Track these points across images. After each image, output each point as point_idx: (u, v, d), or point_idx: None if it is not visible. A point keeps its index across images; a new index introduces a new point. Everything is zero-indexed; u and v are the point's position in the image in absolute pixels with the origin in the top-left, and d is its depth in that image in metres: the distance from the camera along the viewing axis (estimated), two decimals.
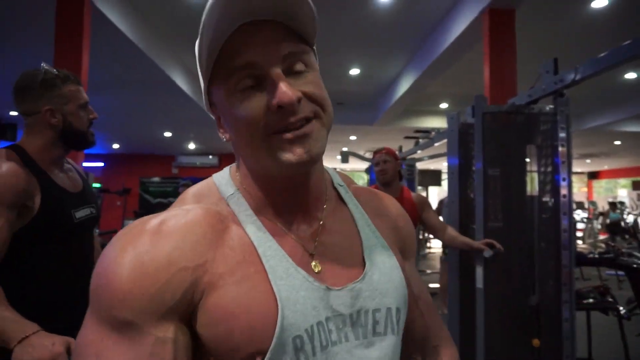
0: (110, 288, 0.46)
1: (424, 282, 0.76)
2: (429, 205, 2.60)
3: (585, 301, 3.10)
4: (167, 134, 9.58)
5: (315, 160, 0.51)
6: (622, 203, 14.65)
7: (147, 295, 0.46)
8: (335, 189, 0.65)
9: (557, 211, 2.24)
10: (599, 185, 21.19)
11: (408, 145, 5.70)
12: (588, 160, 15.23)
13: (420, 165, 10.55)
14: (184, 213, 0.52)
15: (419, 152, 5.27)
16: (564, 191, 2.21)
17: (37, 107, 1.25)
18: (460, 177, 2.71)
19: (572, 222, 2.24)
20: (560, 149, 2.23)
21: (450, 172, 2.74)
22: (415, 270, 0.73)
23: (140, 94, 6.27)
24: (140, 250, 0.47)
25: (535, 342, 2.23)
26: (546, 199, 2.31)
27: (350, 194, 0.66)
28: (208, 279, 0.49)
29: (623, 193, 18.54)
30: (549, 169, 2.33)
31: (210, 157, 12.50)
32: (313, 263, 0.55)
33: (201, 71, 0.54)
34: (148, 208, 11.77)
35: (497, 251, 2.24)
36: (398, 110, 6.96)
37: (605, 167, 17.90)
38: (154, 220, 0.51)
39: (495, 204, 2.46)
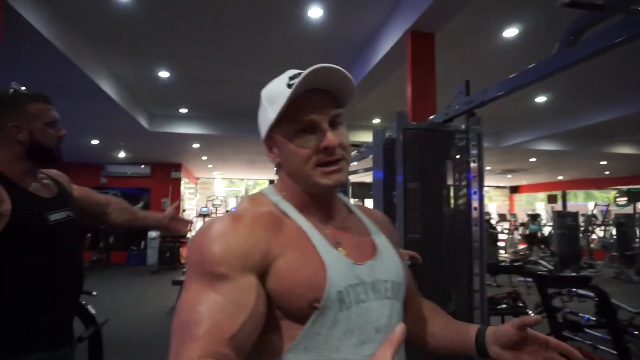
0: (212, 256, 0.68)
1: None
2: None
3: (498, 307, 3.33)
4: (95, 142, 9.09)
5: (342, 184, 0.78)
6: (538, 215, 15.87)
7: (236, 256, 0.68)
8: (344, 204, 0.91)
9: (469, 223, 2.40)
10: (520, 198, 22.78)
11: None
12: (509, 176, 16.35)
13: (355, 178, 10.74)
14: (251, 210, 0.77)
15: (353, 164, 5.40)
16: (475, 204, 2.37)
17: (3, 123, 1.34)
18: (385, 190, 2.82)
19: (483, 233, 2.40)
20: (472, 164, 2.40)
21: (375, 185, 2.85)
22: None
23: (63, 100, 5.90)
24: (228, 230, 0.71)
25: None
26: (461, 211, 2.46)
27: (356, 208, 0.93)
28: (275, 250, 0.71)
29: (540, 206, 20.10)
30: (463, 183, 2.49)
31: (142, 166, 11.99)
32: (340, 248, 0.77)
33: (268, 115, 0.78)
34: None
35: (415, 262, 2.34)
36: None
37: (525, 182, 19.31)
38: (229, 216, 0.74)
39: (415, 216, 2.58)
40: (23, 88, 1.40)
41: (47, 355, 1.31)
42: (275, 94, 0.77)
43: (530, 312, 3.34)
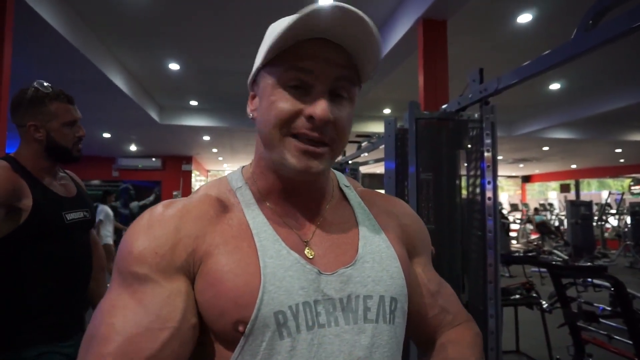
0: (129, 250, 0.54)
1: None
2: None
3: (512, 297, 3.30)
4: (106, 135, 9.17)
5: (313, 176, 0.58)
6: (551, 205, 15.71)
7: (159, 254, 0.54)
8: (340, 189, 0.70)
9: (483, 213, 2.37)
10: (532, 188, 22.55)
11: (351, 150, 5.81)
12: (521, 165, 16.17)
13: (366, 169, 10.71)
14: (191, 197, 0.62)
15: (364, 156, 5.37)
16: (489, 194, 2.34)
17: (23, 122, 1.38)
18: (397, 180, 2.80)
19: (497, 223, 2.37)
20: (485, 154, 2.36)
21: (387, 176, 2.82)
22: (431, 265, 0.75)
23: (74, 94, 5.94)
24: (153, 224, 0.56)
25: None
26: (474, 201, 2.44)
27: (355, 194, 0.71)
28: (205, 248, 0.55)
29: (553, 195, 19.89)
30: (477, 173, 2.46)
31: (154, 159, 12.08)
32: (307, 250, 0.59)
33: (264, 51, 0.57)
34: None
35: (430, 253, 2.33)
36: None
37: (537, 171, 19.09)
38: (162, 203, 0.60)
39: (428, 206, 2.56)
40: (47, 85, 1.42)
41: (48, 348, 1.33)
42: (278, 27, 0.56)
43: (544, 302, 3.32)
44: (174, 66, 5.60)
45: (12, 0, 2.99)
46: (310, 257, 0.58)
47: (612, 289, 2.59)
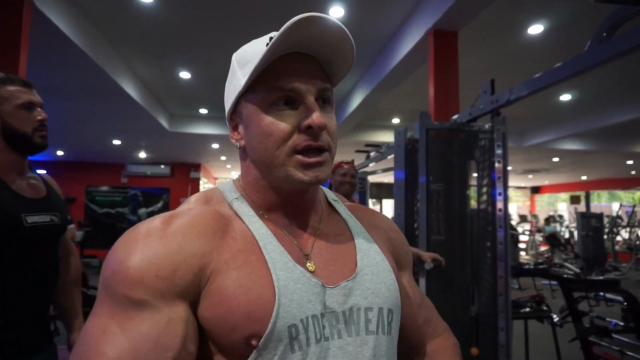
0: (125, 273, 0.50)
1: None
2: None
3: (522, 310, 3.25)
4: (117, 142, 9.24)
5: (321, 183, 0.60)
6: (560, 216, 15.54)
7: (160, 277, 0.50)
8: (329, 203, 0.72)
9: (494, 224, 2.35)
10: (542, 199, 22.33)
11: (359, 159, 5.80)
12: (530, 176, 16.05)
13: (373, 179, 10.73)
14: (189, 210, 0.58)
15: (371, 165, 5.37)
16: (500, 205, 2.32)
17: None
18: (407, 190, 2.78)
19: (508, 235, 2.35)
20: (496, 164, 2.35)
21: (396, 186, 2.81)
22: (413, 279, 0.77)
23: (87, 101, 6.06)
24: (152, 240, 0.52)
25: (474, 351, 2.31)
26: (484, 212, 2.42)
27: (344, 208, 0.72)
28: (214, 265, 0.53)
29: (563, 207, 19.68)
30: (487, 183, 2.44)
31: (162, 166, 12.15)
32: (308, 263, 0.59)
33: (245, 78, 0.58)
34: (94, 218, 11.28)
35: (438, 264, 2.31)
36: (351, 124, 7.09)
37: (546, 182, 18.93)
38: (161, 217, 0.56)
39: (438, 217, 2.55)
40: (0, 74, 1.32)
41: None
42: (250, 54, 0.59)
43: (554, 316, 3.27)
44: (184, 75, 5.65)
45: (29, 10, 3.05)
46: (312, 270, 0.58)
47: (625, 303, 2.55)
